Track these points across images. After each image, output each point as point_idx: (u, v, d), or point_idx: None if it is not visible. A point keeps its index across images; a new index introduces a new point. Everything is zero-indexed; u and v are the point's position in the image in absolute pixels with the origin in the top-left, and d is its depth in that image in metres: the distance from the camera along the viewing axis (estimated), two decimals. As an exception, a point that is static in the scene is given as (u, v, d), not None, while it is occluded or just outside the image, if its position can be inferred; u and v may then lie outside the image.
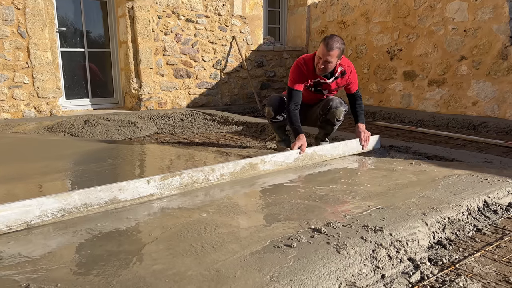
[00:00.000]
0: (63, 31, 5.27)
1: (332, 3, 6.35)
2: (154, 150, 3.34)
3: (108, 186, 1.78)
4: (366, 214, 1.69)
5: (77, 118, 4.47)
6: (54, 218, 1.63)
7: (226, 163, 2.23)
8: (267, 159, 2.40)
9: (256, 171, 2.33)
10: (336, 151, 2.78)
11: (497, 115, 4.44)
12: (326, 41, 2.64)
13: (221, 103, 6.19)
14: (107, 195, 1.77)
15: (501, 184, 2.08)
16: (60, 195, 1.66)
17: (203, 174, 2.10)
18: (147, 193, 1.89)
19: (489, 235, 1.68)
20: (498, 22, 4.36)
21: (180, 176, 2.00)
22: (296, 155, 2.56)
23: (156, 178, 1.92)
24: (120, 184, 1.81)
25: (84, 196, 1.71)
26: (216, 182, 2.14)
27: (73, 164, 2.81)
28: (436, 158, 2.79)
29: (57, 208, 1.64)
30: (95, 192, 1.74)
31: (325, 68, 2.71)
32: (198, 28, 5.80)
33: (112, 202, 1.78)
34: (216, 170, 2.16)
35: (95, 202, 1.74)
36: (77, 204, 1.70)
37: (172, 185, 1.97)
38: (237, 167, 2.25)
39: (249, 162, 2.31)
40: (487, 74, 4.50)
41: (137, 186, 1.85)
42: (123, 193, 1.81)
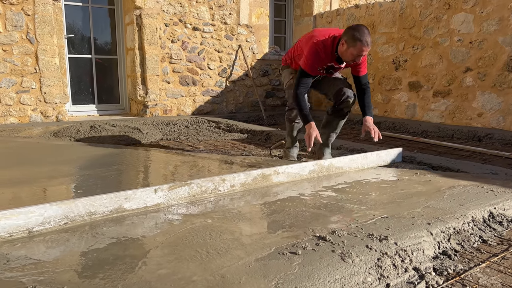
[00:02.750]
0: (71, 38, 5.33)
1: (338, 13, 6.39)
2: (159, 157, 3.35)
3: (113, 195, 1.76)
4: (371, 223, 1.69)
5: (83, 124, 4.51)
6: (57, 225, 1.63)
7: (238, 173, 2.18)
8: (280, 170, 2.34)
9: (268, 182, 2.29)
10: (354, 164, 2.71)
11: (502, 127, 4.43)
12: (365, 38, 2.53)
13: (226, 111, 6.21)
14: (112, 204, 1.76)
15: (506, 195, 2.07)
16: (63, 202, 1.65)
17: (212, 184, 2.07)
18: (153, 202, 1.87)
19: (495, 246, 1.67)
20: (504, 34, 4.37)
21: (189, 186, 1.98)
22: (311, 167, 2.49)
23: (164, 188, 1.90)
24: (127, 192, 1.80)
25: (88, 204, 1.70)
26: (226, 193, 2.11)
27: (79, 168, 2.83)
28: (441, 168, 2.79)
29: (60, 215, 1.64)
30: (100, 200, 1.73)
31: (354, 60, 2.65)
32: (205, 37, 5.85)
33: (117, 211, 1.77)
34: (226, 180, 2.12)
35: (99, 211, 1.73)
36: (81, 212, 1.69)
37: (180, 195, 1.95)
38: (249, 178, 2.21)
39: (261, 173, 2.26)
40: (493, 86, 4.50)
41: (143, 195, 1.84)
42: (128, 202, 1.80)
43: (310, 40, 2.81)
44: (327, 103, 6.69)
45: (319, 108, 6.89)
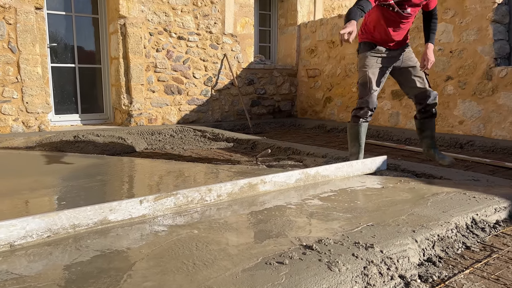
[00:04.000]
0: (54, 47, 5.27)
1: (321, 23, 6.48)
2: (143, 166, 3.32)
3: (98, 206, 1.73)
4: (357, 231, 1.70)
5: (66, 134, 4.44)
6: (39, 239, 1.59)
7: (224, 183, 2.16)
8: (267, 179, 2.34)
9: (255, 192, 2.29)
10: (340, 172, 2.72)
11: (483, 134, 4.53)
12: None
13: (212, 119, 6.21)
14: (97, 216, 1.73)
15: (488, 202, 2.11)
16: (46, 214, 1.62)
17: (199, 194, 2.05)
18: (139, 213, 1.84)
19: (478, 252, 1.70)
20: (483, 44, 4.49)
21: (175, 197, 1.96)
22: (298, 175, 2.49)
23: (149, 198, 1.88)
24: (111, 204, 1.77)
25: (72, 216, 1.67)
26: (212, 203, 2.10)
27: (62, 180, 2.78)
28: (425, 176, 2.83)
29: (43, 228, 1.60)
30: (84, 212, 1.70)
31: None
32: (190, 46, 5.86)
33: (101, 223, 1.74)
34: (213, 190, 2.11)
35: (83, 223, 1.70)
36: (65, 225, 1.65)
37: (166, 205, 1.93)
38: (236, 187, 2.20)
39: (248, 182, 2.26)
40: (473, 94, 4.61)
41: (129, 206, 1.81)
42: (113, 213, 1.77)
43: None
44: (312, 111, 6.76)
45: (304, 116, 6.94)
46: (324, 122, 6.18)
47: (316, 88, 6.67)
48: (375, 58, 3.02)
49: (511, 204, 2.14)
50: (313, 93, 6.73)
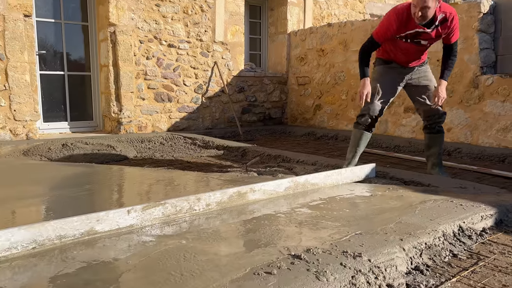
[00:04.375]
0: (43, 54, 5.23)
1: (311, 31, 6.54)
2: (133, 175, 3.30)
3: (85, 217, 1.72)
4: (345, 240, 1.70)
5: (55, 142, 4.40)
6: (24, 250, 1.57)
7: (213, 192, 2.16)
8: (256, 187, 2.34)
9: (244, 200, 2.28)
10: (329, 180, 2.73)
11: (470, 142, 4.59)
12: None
13: (202, 127, 6.20)
14: (84, 226, 1.71)
15: (475, 209, 2.13)
16: (32, 226, 1.60)
17: (188, 203, 2.04)
18: (126, 224, 1.83)
19: (465, 260, 1.72)
20: (469, 53, 4.56)
21: (163, 206, 1.95)
22: (287, 183, 2.49)
23: (137, 208, 1.86)
24: (98, 214, 1.75)
25: (58, 227, 1.65)
26: (201, 212, 2.09)
27: (49, 189, 2.75)
28: (413, 183, 2.85)
29: (28, 240, 1.58)
30: (71, 223, 1.68)
31: (423, 16, 2.58)
32: (180, 53, 5.86)
33: (88, 233, 1.72)
34: (202, 199, 2.10)
35: (70, 234, 1.68)
36: (51, 236, 1.63)
37: (154, 215, 1.92)
38: (225, 196, 2.20)
39: (237, 191, 2.25)
40: (460, 102, 4.67)
41: (116, 216, 1.80)
42: (100, 224, 1.75)
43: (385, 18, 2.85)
44: (303, 118, 6.79)
45: (294, 123, 6.97)
46: (314, 130, 6.21)
47: (306, 96, 6.71)
48: (388, 70, 3.09)
49: (497, 211, 2.17)
50: (303, 100, 6.77)
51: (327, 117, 6.37)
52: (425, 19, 2.62)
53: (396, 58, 3.04)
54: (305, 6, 7.08)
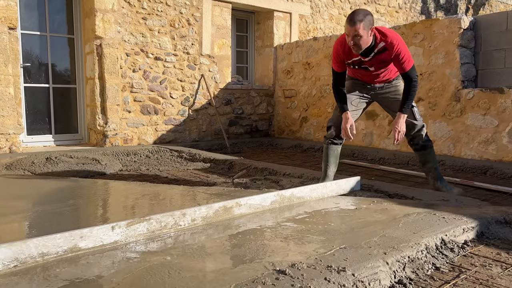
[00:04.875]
0: (27, 67, 5.19)
1: (297, 45, 6.62)
2: (118, 189, 3.27)
3: (68, 234, 1.70)
4: (330, 254, 1.72)
5: (38, 155, 4.34)
6: (5, 269, 1.54)
7: (199, 207, 2.15)
8: (242, 202, 2.34)
9: (230, 215, 2.28)
10: (315, 193, 2.75)
11: (453, 154, 4.67)
12: (348, 17, 2.54)
13: (189, 139, 6.19)
14: (67, 243, 1.69)
15: (457, 222, 2.17)
16: (13, 243, 1.57)
17: (173, 219, 2.03)
18: (111, 240, 1.81)
19: (447, 273, 1.74)
20: (451, 67, 4.68)
21: (148, 222, 1.93)
22: (273, 197, 2.50)
23: (122, 224, 1.85)
24: (82, 231, 1.73)
25: (41, 244, 1.62)
26: (187, 227, 2.08)
27: (32, 204, 2.71)
28: (397, 196, 2.89)
29: (9, 258, 1.55)
30: (53, 240, 1.66)
31: (356, 44, 2.58)
32: (167, 66, 5.88)
33: (72, 250, 1.70)
34: (187, 214, 2.09)
35: (52, 251, 1.65)
36: (33, 254, 1.61)
37: (139, 231, 1.90)
38: (210, 211, 2.19)
39: (223, 205, 2.25)
40: (443, 115, 4.77)
41: (100, 233, 1.78)
42: (84, 240, 1.73)
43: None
44: (289, 131, 6.83)
45: (281, 135, 7.01)
46: (300, 142, 6.25)
47: (293, 108, 6.77)
48: (354, 85, 3.12)
49: (478, 224, 2.21)
50: (290, 113, 6.82)
51: (313, 130, 6.42)
52: (359, 47, 2.61)
53: (359, 78, 3.10)
54: (291, 20, 7.18)
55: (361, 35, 2.55)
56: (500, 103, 4.28)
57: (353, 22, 2.52)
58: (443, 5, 9.84)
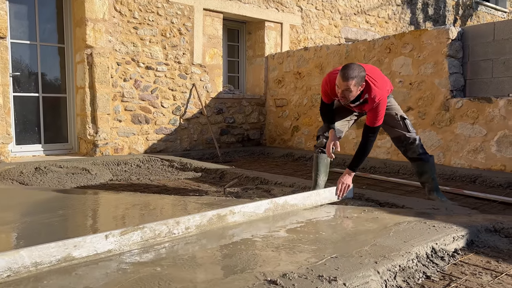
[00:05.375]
0: (17, 76, 5.15)
1: (288, 55, 6.67)
2: (108, 199, 3.24)
3: (62, 243, 1.68)
4: (321, 263, 1.71)
5: (27, 165, 4.29)
6: (-2, 278, 1.52)
7: (193, 215, 2.14)
8: (236, 209, 2.34)
9: (224, 223, 2.27)
10: (308, 201, 2.74)
11: (442, 163, 4.72)
12: (343, 71, 2.58)
13: (180, 148, 6.17)
14: (60, 253, 1.67)
15: (447, 230, 2.18)
16: (6, 253, 1.55)
17: (166, 227, 2.02)
18: (104, 249, 1.79)
19: (437, 282, 1.75)
20: (440, 77, 4.74)
21: (142, 230, 1.92)
22: (266, 205, 2.49)
23: (115, 233, 1.83)
24: (75, 240, 1.72)
25: (34, 254, 1.60)
26: (181, 236, 2.06)
27: (20, 215, 2.67)
28: (388, 205, 2.91)
29: (2, 267, 1.53)
30: (47, 249, 1.64)
31: (345, 97, 2.64)
32: (158, 75, 5.87)
33: (65, 260, 1.68)
34: (181, 223, 2.08)
35: (46, 260, 1.63)
36: (26, 263, 1.58)
37: (133, 240, 1.89)
38: (204, 219, 2.18)
39: (217, 213, 2.25)
40: (432, 124, 4.82)
41: (94, 241, 1.76)
42: (78, 249, 1.72)
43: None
44: (281, 140, 6.85)
45: (273, 144, 7.02)
46: (292, 151, 6.27)
47: (284, 117, 6.79)
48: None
49: (468, 232, 2.22)
50: (281, 122, 6.84)
51: (305, 139, 6.45)
52: (347, 99, 2.68)
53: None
54: (282, 30, 7.24)
55: (351, 90, 2.62)
56: (488, 112, 4.34)
57: (346, 78, 2.57)
58: (431, 16, 10.01)
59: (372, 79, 2.73)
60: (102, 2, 5.27)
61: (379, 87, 2.74)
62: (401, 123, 3.03)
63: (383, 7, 8.95)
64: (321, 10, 7.85)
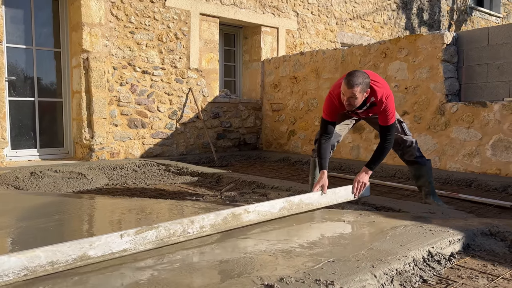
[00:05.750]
0: (12, 80, 5.14)
1: (284, 59, 6.69)
2: (104, 204, 3.23)
3: (77, 242, 1.69)
4: (318, 267, 1.71)
5: (23, 170, 4.27)
6: (16, 278, 1.52)
7: (207, 214, 2.15)
8: (251, 208, 2.34)
9: (239, 222, 2.27)
10: (324, 199, 2.75)
11: (438, 166, 4.74)
12: (347, 78, 2.58)
13: (177, 153, 6.16)
14: (76, 252, 1.68)
15: (443, 234, 2.19)
16: (23, 252, 1.56)
17: (181, 226, 2.03)
18: (119, 248, 1.81)
19: (434, 286, 1.75)
20: (435, 81, 4.77)
21: (157, 230, 1.94)
22: (281, 204, 2.49)
23: (130, 232, 1.85)
24: (91, 239, 1.74)
25: (50, 254, 1.62)
26: (195, 235, 2.07)
27: (16, 220, 2.65)
28: (384, 209, 2.91)
29: (19, 267, 1.54)
30: (63, 248, 1.65)
31: (350, 104, 2.65)
32: (154, 80, 5.88)
33: (81, 259, 1.69)
34: (195, 222, 2.09)
35: (62, 260, 1.64)
36: (42, 262, 1.59)
37: (148, 239, 1.90)
38: (219, 218, 2.19)
39: (231, 212, 2.25)
40: (428, 128, 4.85)
41: (109, 241, 1.78)
42: (93, 249, 1.73)
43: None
44: (277, 144, 6.85)
45: (269, 148, 7.03)
46: (288, 155, 6.28)
47: (280, 122, 6.80)
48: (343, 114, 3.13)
49: (464, 236, 2.23)
50: (278, 126, 6.85)
51: (301, 143, 6.46)
52: (352, 107, 2.70)
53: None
54: (278, 35, 7.27)
55: (357, 97, 2.63)
56: (483, 116, 4.37)
57: (351, 85, 2.58)
58: (426, 21, 10.09)
59: (374, 81, 2.75)
60: (99, 6, 5.27)
61: (382, 86, 2.77)
62: (398, 127, 3.05)
63: (379, 12, 9.01)
64: (317, 15, 7.89)
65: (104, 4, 5.33)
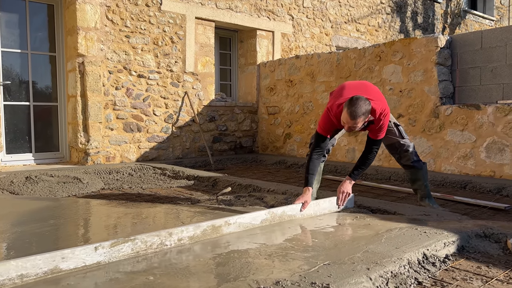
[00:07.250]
0: (7, 84, 5.12)
1: (280, 63, 6.72)
2: (99, 208, 3.22)
3: (49, 255, 1.66)
4: (314, 270, 1.72)
5: (18, 174, 4.25)
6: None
7: (186, 226, 2.12)
8: (231, 220, 2.31)
9: (219, 234, 2.25)
10: (307, 211, 2.73)
11: (433, 169, 4.76)
12: (350, 109, 2.51)
13: (173, 156, 6.16)
14: (47, 265, 1.65)
15: (438, 236, 2.21)
16: None
17: (158, 239, 2.00)
18: (93, 261, 1.78)
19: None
20: (429, 84, 4.81)
21: (133, 242, 1.91)
22: (264, 216, 2.47)
23: (105, 245, 1.81)
24: (63, 252, 1.70)
25: (20, 266, 1.58)
26: (173, 247, 2.05)
27: (11, 225, 2.64)
28: (380, 211, 2.93)
29: None
30: (34, 261, 1.62)
31: (350, 129, 2.65)
32: (150, 84, 5.88)
33: (52, 272, 1.66)
34: (174, 234, 2.06)
35: (32, 273, 1.61)
36: (11, 275, 1.57)
37: (123, 251, 1.87)
38: (198, 231, 2.16)
39: (211, 224, 2.22)
40: (422, 131, 4.88)
41: (82, 253, 1.74)
42: (66, 262, 1.70)
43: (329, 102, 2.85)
44: (273, 147, 6.86)
45: (265, 152, 7.03)
46: (284, 158, 6.28)
47: (276, 125, 6.82)
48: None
49: (459, 238, 2.25)
50: (274, 129, 6.87)
51: (297, 146, 6.47)
52: (353, 130, 2.72)
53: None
54: (273, 38, 7.30)
55: (359, 126, 2.63)
56: (477, 119, 4.40)
57: (354, 117, 2.54)
58: (420, 24, 10.16)
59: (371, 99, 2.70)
60: (94, 11, 5.28)
61: (379, 100, 2.75)
62: (395, 130, 3.07)
63: (373, 15, 9.07)
64: (312, 19, 7.93)
65: (99, 8, 5.33)
